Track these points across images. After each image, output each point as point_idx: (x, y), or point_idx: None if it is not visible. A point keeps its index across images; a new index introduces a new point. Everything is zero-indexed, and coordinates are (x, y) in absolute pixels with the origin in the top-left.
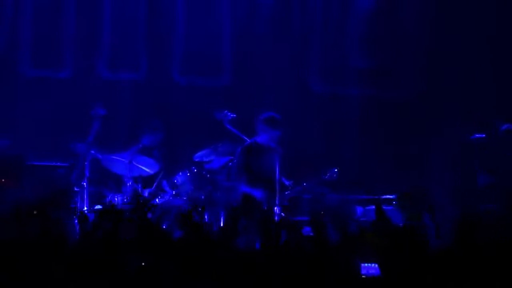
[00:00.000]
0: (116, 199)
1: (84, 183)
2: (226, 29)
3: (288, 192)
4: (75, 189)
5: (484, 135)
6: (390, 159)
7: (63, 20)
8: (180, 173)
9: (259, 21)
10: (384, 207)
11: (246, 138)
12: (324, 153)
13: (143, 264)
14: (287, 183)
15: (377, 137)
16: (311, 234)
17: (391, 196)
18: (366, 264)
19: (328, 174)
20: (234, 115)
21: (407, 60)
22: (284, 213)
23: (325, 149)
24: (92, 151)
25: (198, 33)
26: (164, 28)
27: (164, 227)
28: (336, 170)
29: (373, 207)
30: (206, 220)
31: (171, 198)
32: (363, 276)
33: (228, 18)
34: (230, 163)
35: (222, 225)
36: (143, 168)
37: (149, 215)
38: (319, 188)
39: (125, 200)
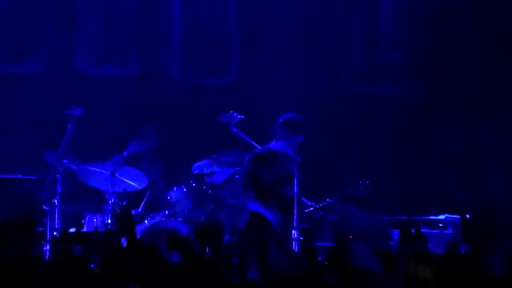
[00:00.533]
0: (95, 220)
1: (55, 201)
2: (232, 18)
3: (308, 210)
4: (44, 207)
5: None
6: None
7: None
8: (175, 188)
9: (271, 11)
10: (425, 231)
11: (256, 145)
12: (350, 163)
13: None
14: (308, 203)
15: (412, 143)
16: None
17: (435, 217)
18: None
19: (357, 188)
20: (243, 117)
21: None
22: (303, 237)
23: (351, 158)
24: (65, 161)
25: (199, 21)
26: (160, 16)
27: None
28: (367, 182)
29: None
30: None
31: (163, 219)
32: None
33: (234, 5)
34: (237, 176)
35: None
36: (129, 182)
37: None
38: (346, 206)
39: (106, 221)
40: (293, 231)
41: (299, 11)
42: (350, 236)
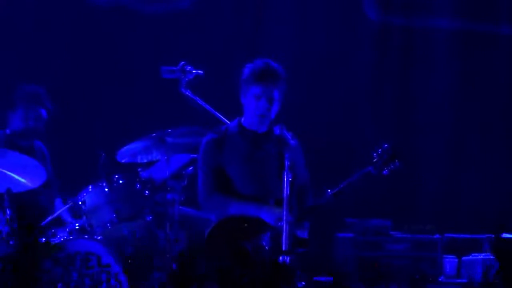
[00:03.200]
0: None
1: None
2: None
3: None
4: None
5: None
6: None
7: None
8: (91, 188)
9: None
10: None
11: (222, 117)
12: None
13: None
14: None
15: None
16: None
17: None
18: None
19: (379, 163)
20: (201, 72)
21: None
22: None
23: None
24: None
25: None
26: None
27: None
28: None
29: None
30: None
31: (71, 237)
32: None
33: None
34: (191, 168)
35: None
36: (14, 176)
37: None
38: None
39: None
40: (280, 257)
41: None
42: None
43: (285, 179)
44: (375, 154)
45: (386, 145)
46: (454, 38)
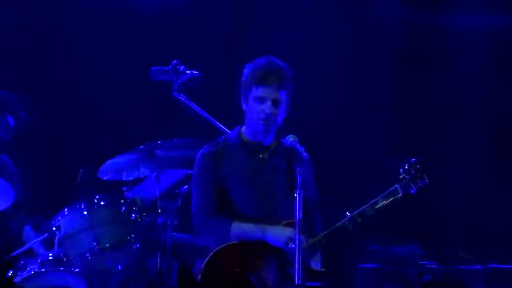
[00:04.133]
0: None
1: None
2: None
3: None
4: None
5: None
6: None
7: None
8: (66, 210)
9: None
10: None
11: (222, 126)
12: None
13: None
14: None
15: None
16: None
17: None
18: None
19: (407, 180)
20: (197, 74)
21: None
22: None
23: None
24: None
25: None
26: None
27: None
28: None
29: None
30: None
31: (44, 269)
32: None
33: None
34: (185, 187)
35: None
36: None
37: None
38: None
39: None
40: None
41: None
42: None
43: (298, 198)
44: (401, 170)
45: (413, 160)
46: (490, 36)
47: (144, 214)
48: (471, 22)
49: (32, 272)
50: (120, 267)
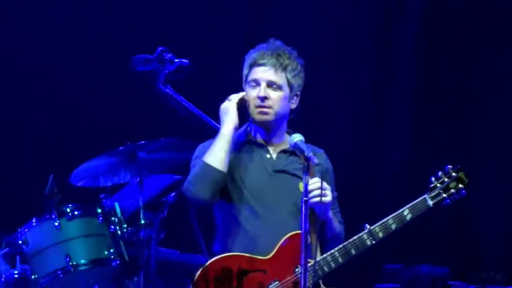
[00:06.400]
0: None
1: None
2: None
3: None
4: None
5: None
6: None
7: None
8: (34, 221)
9: None
10: None
11: (214, 123)
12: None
13: None
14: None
15: None
16: None
17: None
18: None
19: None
20: (186, 62)
21: None
22: None
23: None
24: None
25: None
26: None
27: None
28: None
29: None
30: None
31: None
32: None
33: None
34: (172, 194)
35: None
36: None
37: None
38: None
39: None
40: None
41: None
42: None
43: (303, 207)
44: (432, 179)
45: (448, 166)
46: None
47: (125, 226)
48: None
49: None
50: None
